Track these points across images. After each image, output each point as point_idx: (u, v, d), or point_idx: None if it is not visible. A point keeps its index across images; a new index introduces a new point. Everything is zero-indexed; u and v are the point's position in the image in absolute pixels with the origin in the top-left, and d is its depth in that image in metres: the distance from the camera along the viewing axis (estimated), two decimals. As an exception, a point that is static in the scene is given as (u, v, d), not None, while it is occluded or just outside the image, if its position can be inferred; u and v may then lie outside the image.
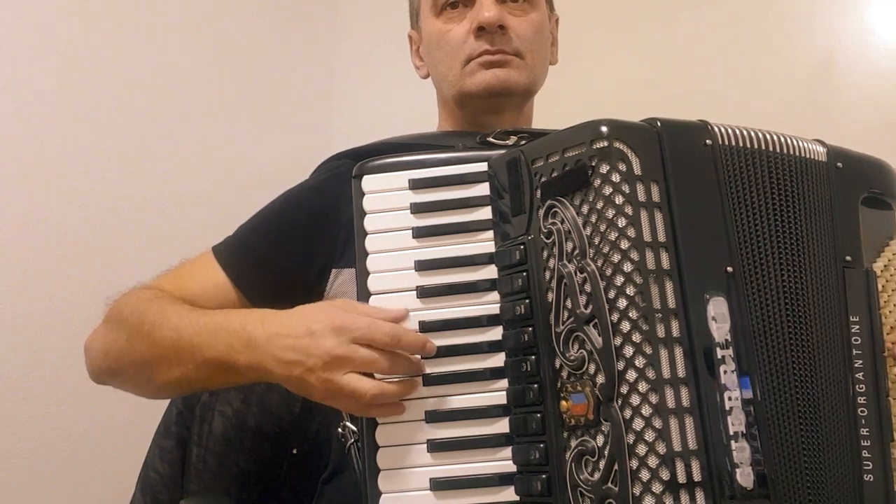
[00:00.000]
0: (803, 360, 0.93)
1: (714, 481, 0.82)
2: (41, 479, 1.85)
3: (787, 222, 0.96)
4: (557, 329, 0.90)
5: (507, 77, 1.26)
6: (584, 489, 0.85)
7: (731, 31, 1.96)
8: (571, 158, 0.91)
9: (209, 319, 1.05)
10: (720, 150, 0.94)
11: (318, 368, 0.93)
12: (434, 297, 0.97)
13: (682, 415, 0.83)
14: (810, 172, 1.00)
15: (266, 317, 1.00)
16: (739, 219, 0.93)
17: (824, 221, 1.00)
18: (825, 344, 0.96)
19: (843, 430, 0.95)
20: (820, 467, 0.91)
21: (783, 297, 0.94)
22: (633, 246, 0.86)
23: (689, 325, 0.86)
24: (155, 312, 1.09)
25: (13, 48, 1.89)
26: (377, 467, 0.94)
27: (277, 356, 0.96)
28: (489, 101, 1.28)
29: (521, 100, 1.32)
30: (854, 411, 0.97)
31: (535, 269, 0.93)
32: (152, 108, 2.14)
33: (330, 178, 1.22)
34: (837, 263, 1.00)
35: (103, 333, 1.16)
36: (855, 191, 1.04)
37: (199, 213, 2.17)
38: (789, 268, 0.95)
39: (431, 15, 1.33)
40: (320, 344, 0.93)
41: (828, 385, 0.95)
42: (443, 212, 1.00)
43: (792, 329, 0.93)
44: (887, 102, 1.77)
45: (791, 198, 0.97)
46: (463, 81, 1.28)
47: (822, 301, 0.97)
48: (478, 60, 1.27)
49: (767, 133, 0.99)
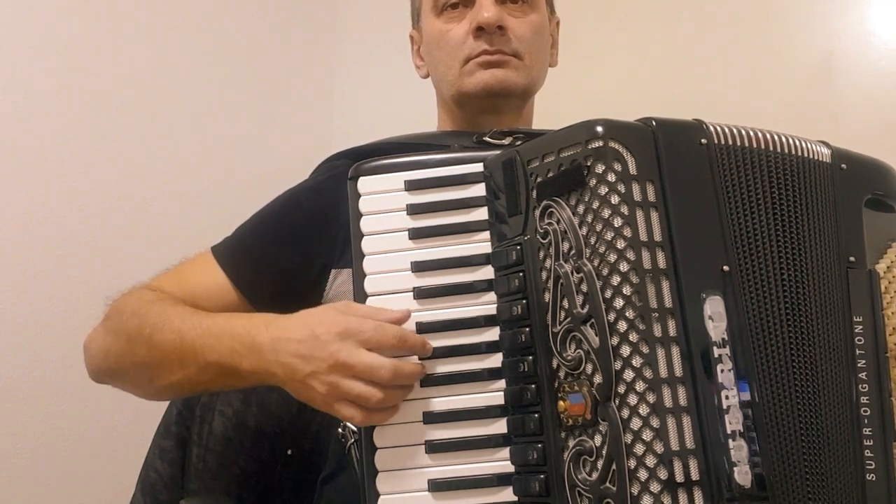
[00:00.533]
0: (803, 359, 0.93)
1: (712, 480, 0.82)
2: (41, 479, 1.85)
3: (787, 222, 0.96)
4: (554, 329, 0.90)
5: (505, 77, 1.27)
6: (583, 489, 0.85)
7: (731, 31, 1.96)
8: (567, 158, 0.91)
9: (212, 322, 1.05)
10: (716, 149, 0.94)
11: (322, 372, 0.93)
12: (431, 298, 0.97)
13: (680, 414, 0.83)
14: (814, 173, 1.00)
15: (270, 321, 1.00)
16: (736, 218, 0.93)
17: (828, 222, 1.00)
18: (827, 344, 0.96)
19: (844, 430, 0.95)
20: (820, 467, 0.91)
21: (783, 297, 0.93)
22: (630, 245, 0.86)
23: (685, 325, 0.85)
24: (156, 315, 1.09)
25: (13, 48, 1.89)
26: (375, 468, 0.94)
27: (281, 360, 0.96)
28: (487, 102, 1.29)
29: (519, 101, 1.32)
30: (857, 411, 0.96)
31: (531, 269, 0.93)
32: (152, 108, 2.14)
33: (329, 178, 1.22)
34: (841, 264, 1.00)
35: (103, 334, 1.16)
36: (859, 192, 1.04)
37: (199, 213, 2.17)
38: (789, 267, 0.95)
39: (432, 15, 1.33)
40: (326, 348, 0.93)
41: (829, 384, 0.94)
42: (439, 213, 1.00)
43: (792, 328, 0.93)
44: (887, 102, 1.77)
45: (792, 197, 0.97)
46: (461, 81, 1.29)
47: (824, 301, 0.97)
48: (476, 60, 1.27)
49: (767, 133, 0.99)
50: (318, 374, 0.93)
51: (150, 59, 2.15)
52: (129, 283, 1.22)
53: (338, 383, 0.92)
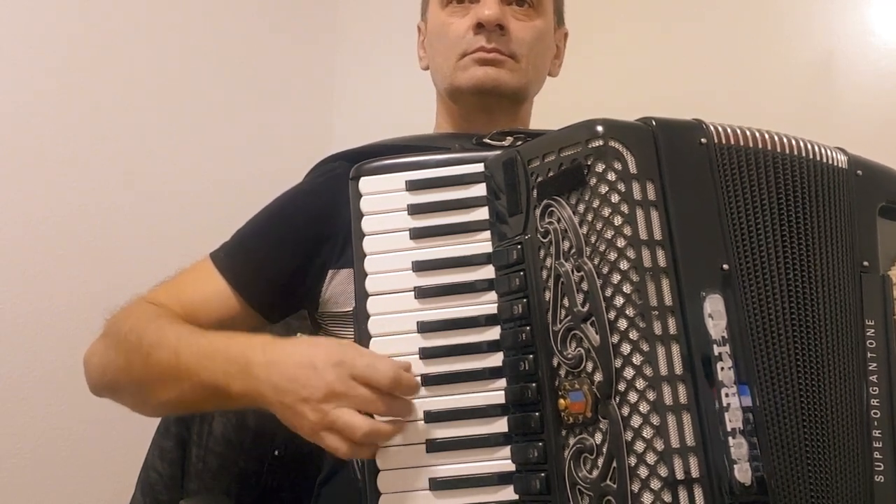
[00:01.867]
0: (808, 359, 0.93)
1: (712, 478, 0.82)
2: (41, 479, 1.86)
3: (794, 223, 0.97)
4: (555, 328, 0.90)
5: (497, 76, 1.26)
6: (583, 487, 0.85)
7: (731, 31, 1.97)
8: (567, 158, 0.91)
9: (207, 342, 1.04)
10: (715, 148, 0.94)
11: (313, 399, 0.92)
12: (432, 298, 0.97)
13: (680, 411, 0.83)
14: (827, 177, 1.00)
15: (268, 344, 1.00)
16: (737, 217, 0.93)
17: (842, 226, 1.00)
18: (835, 345, 0.96)
19: (852, 431, 0.95)
20: (824, 466, 0.91)
21: (788, 296, 0.94)
22: (630, 244, 0.86)
23: (685, 323, 0.86)
24: (154, 332, 1.09)
25: (13, 48, 1.90)
26: (376, 467, 0.94)
27: (274, 382, 0.95)
28: (479, 99, 1.28)
29: (511, 102, 1.32)
30: (867, 413, 0.97)
31: (532, 268, 0.93)
32: (152, 108, 2.15)
33: (326, 180, 1.23)
34: (855, 268, 1.00)
35: (102, 349, 1.16)
36: (873, 199, 1.05)
37: (200, 213, 2.17)
38: (795, 267, 0.95)
39: (438, 7, 1.33)
40: (321, 376, 0.92)
41: (836, 385, 0.95)
42: (440, 212, 1.00)
43: (797, 328, 0.93)
44: (887, 102, 1.77)
45: (801, 199, 0.98)
46: (455, 75, 1.29)
47: (834, 303, 0.97)
48: (472, 56, 1.27)
49: (775, 134, 0.99)
50: (311, 400, 0.92)
51: (149, 60, 2.16)
52: (128, 283, 1.22)
53: (328, 412, 0.92)
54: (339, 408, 0.92)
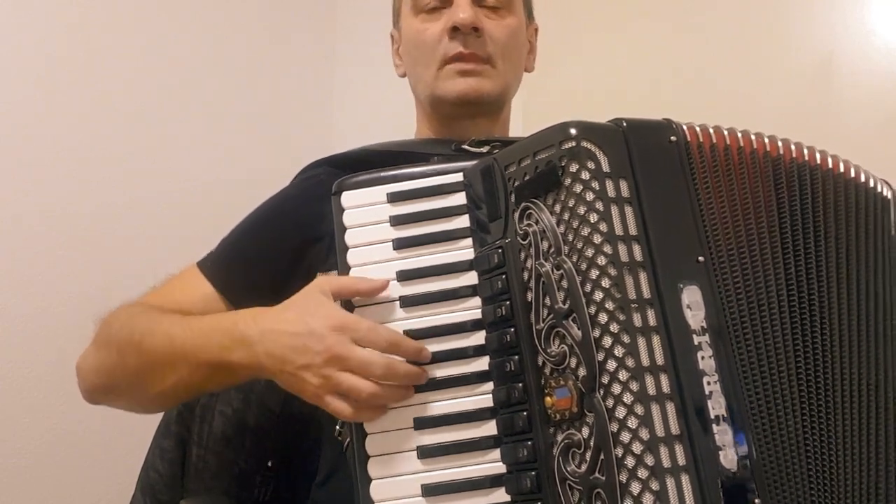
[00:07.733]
0: (803, 343, 0.93)
1: (699, 465, 0.82)
2: (41, 479, 1.85)
3: (791, 221, 0.98)
4: (538, 326, 0.91)
5: (479, 86, 1.28)
6: (573, 482, 0.86)
7: (731, 32, 1.97)
8: (542, 160, 0.93)
9: (201, 323, 1.06)
10: (686, 146, 0.96)
11: (316, 365, 0.94)
12: (417, 306, 0.99)
13: (664, 401, 0.84)
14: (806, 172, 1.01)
15: (258, 314, 1.01)
16: (714, 210, 0.94)
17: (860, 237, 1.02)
18: (839, 332, 0.96)
19: (857, 418, 0.95)
20: (821, 452, 0.91)
21: (776, 285, 0.94)
22: (606, 240, 0.88)
23: (664, 314, 0.87)
24: (145, 322, 1.10)
25: (13, 48, 1.91)
26: (368, 476, 0.95)
27: (271, 351, 0.97)
28: (462, 108, 1.30)
29: (493, 107, 1.34)
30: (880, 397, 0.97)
31: (513, 270, 0.94)
32: (152, 108, 2.15)
33: (311, 185, 1.24)
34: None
35: (93, 352, 1.18)
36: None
37: (199, 213, 2.17)
38: (788, 261, 0.96)
39: (410, 15, 1.35)
40: (321, 341, 0.94)
41: (841, 370, 0.95)
42: (422, 222, 1.01)
43: (795, 314, 0.94)
44: (887, 102, 1.76)
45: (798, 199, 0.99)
46: (437, 84, 1.30)
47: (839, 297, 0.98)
48: (453, 67, 1.28)
49: (749, 133, 1.00)
50: (313, 366, 0.94)
51: (149, 60, 2.17)
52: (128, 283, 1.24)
53: (331, 376, 0.93)
54: (343, 371, 0.93)
